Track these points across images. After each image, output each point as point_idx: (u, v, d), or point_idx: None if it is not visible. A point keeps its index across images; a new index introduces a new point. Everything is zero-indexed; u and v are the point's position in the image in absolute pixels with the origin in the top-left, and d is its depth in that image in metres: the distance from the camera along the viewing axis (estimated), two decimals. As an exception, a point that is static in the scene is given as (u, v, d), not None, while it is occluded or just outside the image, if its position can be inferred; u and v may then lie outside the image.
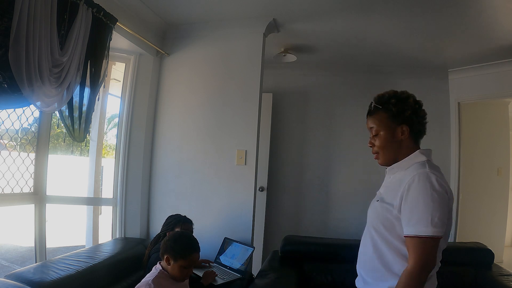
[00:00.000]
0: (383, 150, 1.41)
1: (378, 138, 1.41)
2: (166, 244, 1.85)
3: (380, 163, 1.45)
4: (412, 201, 1.23)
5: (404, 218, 1.24)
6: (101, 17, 2.26)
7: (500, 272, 2.46)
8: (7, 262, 4.40)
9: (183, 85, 3.19)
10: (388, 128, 1.39)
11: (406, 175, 1.29)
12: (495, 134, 4.72)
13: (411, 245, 1.22)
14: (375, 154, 1.45)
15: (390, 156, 1.41)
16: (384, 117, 1.40)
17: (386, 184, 1.44)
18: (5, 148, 2.26)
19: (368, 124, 1.46)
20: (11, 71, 1.66)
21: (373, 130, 1.42)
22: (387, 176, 1.46)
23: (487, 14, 2.69)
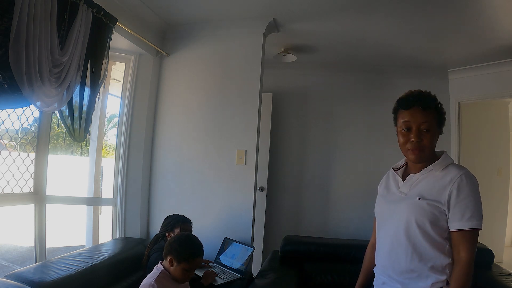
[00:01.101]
0: (429, 148, 1.42)
1: (430, 135, 1.40)
2: (172, 246, 1.85)
3: (419, 161, 1.45)
4: (465, 198, 1.32)
5: (456, 214, 1.33)
6: (101, 17, 2.26)
7: (500, 272, 2.46)
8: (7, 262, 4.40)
9: (183, 85, 3.19)
10: (436, 129, 1.42)
11: (449, 174, 1.38)
12: (495, 134, 4.72)
13: (464, 238, 1.33)
14: (417, 150, 1.42)
15: (430, 155, 1.45)
16: (436, 117, 1.42)
17: (416, 182, 1.46)
18: (5, 148, 2.26)
19: (417, 118, 1.40)
20: (11, 71, 1.66)
21: (426, 126, 1.39)
22: (416, 175, 1.47)
23: (487, 14, 2.69)
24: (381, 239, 1.53)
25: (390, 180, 1.60)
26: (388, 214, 1.50)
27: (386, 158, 3.79)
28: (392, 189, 1.54)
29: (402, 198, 1.45)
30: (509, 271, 2.49)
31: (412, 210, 1.39)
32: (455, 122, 4.00)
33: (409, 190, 1.45)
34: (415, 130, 1.40)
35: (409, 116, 1.42)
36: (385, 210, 1.53)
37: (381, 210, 1.57)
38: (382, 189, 1.63)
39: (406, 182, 1.48)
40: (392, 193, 1.53)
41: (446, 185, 1.35)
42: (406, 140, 1.43)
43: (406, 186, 1.47)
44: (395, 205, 1.47)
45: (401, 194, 1.46)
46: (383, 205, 1.56)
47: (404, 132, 1.44)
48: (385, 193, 1.58)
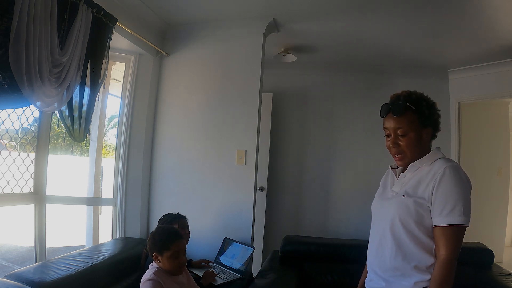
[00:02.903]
0: (411, 151, 1.41)
1: (407, 139, 1.40)
2: (150, 244, 1.86)
3: (404, 164, 1.45)
4: (445, 192, 1.29)
5: (436, 209, 1.30)
6: (101, 17, 2.26)
7: (500, 272, 2.46)
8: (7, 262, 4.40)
9: (183, 85, 3.19)
10: (417, 130, 1.39)
11: (433, 169, 1.35)
12: (495, 134, 4.72)
13: (444, 235, 1.28)
14: (399, 156, 1.43)
15: (415, 157, 1.42)
16: (415, 118, 1.39)
17: (406, 181, 1.43)
18: (5, 148, 2.26)
19: (391, 124, 1.42)
20: (11, 71, 1.66)
21: (401, 131, 1.39)
22: (406, 173, 1.45)
23: (487, 14, 2.69)
24: (372, 236, 1.51)
25: (388, 178, 1.59)
26: (379, 211, 1.49)
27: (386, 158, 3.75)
28: (387, 187, 1.54)
29: (393, 197, 1.44)
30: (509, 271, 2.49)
31: (397, 209, 1.37)
32: (455, 122, 4.00)
33: (399, 188, 1.43)
34: (392, 136, 1.43)
35: (386, 123, 1.45)
36: (377, 207, 1.53)
37: (374, 208, 1.56)
38: (380, 187, 1.62)
39: (398, 181, 1.48)
40: (386, 191, 1.53)
41: (430, 180, 1.33)
42: (388, 146, 1.46)
43: (398, 185, 1.46)
44: (385, 203, 1.47)
45: (392, 193, 1.46)
46: (377, 202, 1.55)
47: (386, 138, 1.47)
48: (381, 191, 1.57)
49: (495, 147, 4.72)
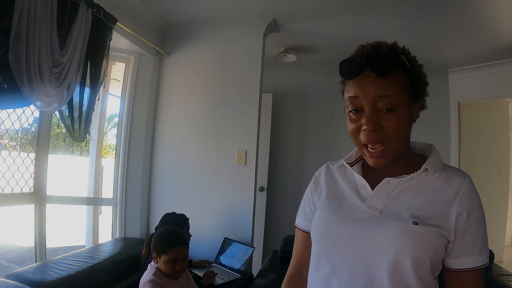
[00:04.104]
0: (399, 139, 0.86)
1: (396, 117, 0.83)
2: (152, 242, 1.87)
3: (384, 163, 0.88)
4: (477, 220, 0.87)
5: (466, 244, 0.85)
6: (101, 17, 2.26)
7: (500, 272, 2.46)
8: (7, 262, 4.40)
9: (183, 85, 3.19)
10: (409, 104, 0.87)
11: (449, 183, 0.89)
12: (495, 134, 4.72)
13: (474, 279, 0.87)
14: (377, 146, 0.86)
15: (401, 151, 0.89)
16: (406, 83, 0.86)
17: (397, 194, 0.90)
18: (5, 148, 2.26)
19: (369, 90, 0.83)
20: (11, 71, 1.66)
21: (387, 102, 0.83)
22: (391, 181, 0.90)
23: (487, 14, 2.69)
24: (326, 279, 0.91)
25: (341, 182, 1.01)
26: (348, 242, 0.88)
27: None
28: (350, 198, 0.95)
29: (377, 219, 0.87)
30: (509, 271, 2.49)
31: (406, 242, 0.82)
32: (455, 122, 4.00)
33: (384, 205, 0.89)
34: (369, 111, 0.84)
35: (357, 89, 0.85)
36: (339, 233, 0.90)
37: (328, 233, 0.93)
38: (325, 195, 1.02)
39: (378, 191, 0.90)
40: (350, 206, 0.94)
41: (451, 201, 0.86)
42: (357, 129, 0.88)
43: (379, 198, 0.90)
44: (362, 229, 0.87)
45: (371, 211, 0.89)
46: (333, 224, 0.93)
47: (352, 116, 0.88)
48: (334, 204, 0.97)
49: (495, 147, 4.72)
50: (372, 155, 0.87)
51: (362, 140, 0.88)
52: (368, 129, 0.84)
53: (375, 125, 0.83)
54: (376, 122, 0.83)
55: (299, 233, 1.13)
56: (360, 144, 0.89)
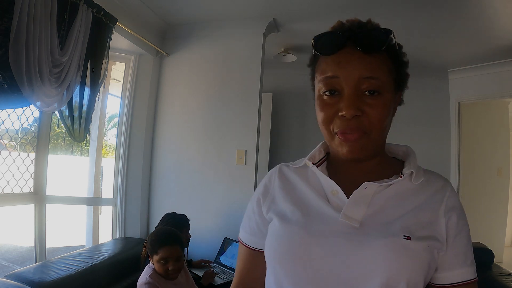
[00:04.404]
0: (380, 129, 0.72)
1: (382, 102, 0.70)
2: (148, 242, 1.87)
3: (361, 153, 0.72)
4: (465, 230, 0.77)
5: (458, 254, 0.74)
6: (101, 17, 2.26)
7: (500, 272, 2.46)
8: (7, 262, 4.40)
9: (183, 85, 3.19)
10: (392, 91, 0.74)
11: (429, 185, 0.77)
12: (495, 134, 4.72)
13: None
14: (354, 136, 0.70)
15: (380, 146, 0.78)
16: (391, 66, 0.73)
17: (379, 201, 0.74)
18: (5, 148, 2.26)
19: (355, 68, 0.69)
20: (11, 71, 1.66)
21: (373, 84, 0.69)
22: (369, 185, 0.74)
23: (487, 14, 2.69)
24: None
25: (303, 187, 0.82)
26: (323, 263, 0.69)
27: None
28: (318, 207, 0.76)
29: (359, 233, 0.69)
30: (509, 271, 2.49)
31: (400, 263, 0.66)
32: (455, 122, 4.00)
33: (364, 215, 0.72)
34: (348, 93, 0.69)
35: (337, 67, 0.70)
36: (309, 252, 0.70)
37: (294, 252, 0.72)
38: (282, 204, 0.81)
39: (356, 197, 0.73)
40: (320, 216, 0.74)
41: (439, 206, 0.74)
42: (332, 116, 0.72)
43: (357, 207, 0.72)
44: (341, 246, 0.69)
45: (349, 222, 0.70)
46: (301, 240, 0.72)
47: (326, 99, 0.72)
48: (299, 215, 0.76)
49: (495, 147, 4.72)
50: (347, 138, 0.70)
51: (336, 128, 0.72)
52: (348, 114, 0.68)
53: (357, 110, 0.68)
54: (358, 106, 0.69)
55: (243, 249, 0.89)
56: (331, 133, 0.73)
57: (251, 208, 0.89)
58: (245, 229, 0.89)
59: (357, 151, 0.71)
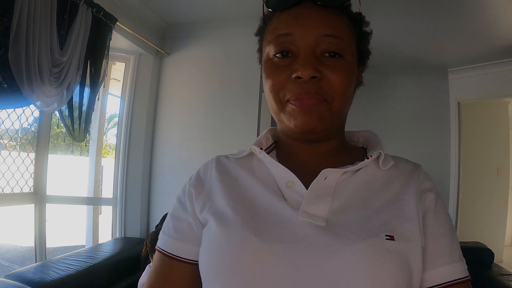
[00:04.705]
0: (343, 98, 0.59)
1: (343, 64, 0.59)
2: (147, 242, 1.88)
3: (319, 125, 0.58)
4: (445, 218, 0.61)
5: (441, 248, 0.58)
6: (101, 17, 2.26)
7: (500, 272, 2.46)
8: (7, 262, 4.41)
9: (183, 85, 3.19)
10: (355, 60, 0.65)
11: (398, 171, 0.65)
12: (495, 134, 4.72)
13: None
14: (312, 96, 0.57)
15: (339, 123, 0.67)
16: (352, 32, 0.63)
17: (349, 190, 0.61)
18: (5, 148, 2.26)
19: (314, 25, 0.58)
20: (11, 71, 1.66)
21: (334, 44, 0.58)
22: (333, 173, 0.60)
23: (487, 14, 2.69)
24: None
25: (248, 180, 0.65)
26: (284, 277, 0.52)
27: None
28: (269, 205, 0.60)
29: (327, 236, 0.54)
30: (509, 271, 2.49)
31: (385, 271, 0.52)
32: (455, 122, 3.99)
33: (330, 210, 0.57)
34: (307, 52, 0.58)
35: (292, 23, 0.59)
36: (265, 263, 0.53)
37: (244, 263, 0.54)
38: (223, 201, 0.63)
39: (316, 188, 0.59)
40: (272, 216, 0.58)
41: (412, 193, 0.61)
42: (282, 80, 0.59)
43: (319, 200, 0.58)
44: (305, 254, 0.52)
45: (311, 221, 0.55)
46: (251, 248, 0.54)
47: (277, 62, 0.60)
48: (245, 215, 0.59)
49: (495, 146, 4.72)
50: (304, 104, 0.57)
51: (289, 94, 0.58)
52: (305, 75, 0.55)
53: (315, 71, 0.56)
54: (316, 67, 0.56)
55: (161, 261, 0.65)
56: (281, 102, 0.60)
57: (179, 205, 0.68)
58: (169, 233, 0.66)
59: (315, 122, 0.57)
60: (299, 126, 0.58)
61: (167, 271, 0.64)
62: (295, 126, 0.58)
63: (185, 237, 0.64)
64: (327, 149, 0.66)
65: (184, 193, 0.69)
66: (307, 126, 0.58)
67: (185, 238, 0.64)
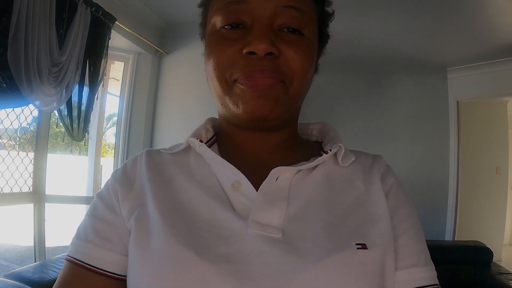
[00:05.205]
0: (302, 79, 0.51)
1: (304, 41, 0.50)
2: None
3: (274, 110, 0.49)
4: (411, 218, 0.53)
5: (403, 249, 0.49)
6: (99, 16, 2.26)
7: (499, 271, 2.47)
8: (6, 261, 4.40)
9: (182, 84, 3.19)
10: (316, 38, 0.56)
11: (358, 165, 0.57)
12: (494, 133, 4.73)
13: None
14: (267, 75, 0.47)
15: (299, 102, 0.57)
16: (314, 6, 0.54)
17: (303, 193, 0.51)
18: (4, 147, 2.26)
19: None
20: (10, 70, 1.66)
21: (295, 18, 0.49)
22: (289, 171, 0.51)
23: (486, 13, 2.69)
24: None
25: (184, 180, 0.53)
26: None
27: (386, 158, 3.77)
28: (213, 214, 0.48)
29: (286, 251, 0.43)
30: (508, 270, 2.50)
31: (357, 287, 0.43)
32: (453, 121, 3.99)
33: (286, 218, 0.47)
34: (263, 24, 0.49)
35: None
36: (204, 287, 0.41)
37: (178, 285, 0.42)
38: (153, 205, 0.50)
39: (265, 194, 0.49)
40: (214, 227, 0.46)
41: (375, 187, 0.53)
42: (230, 55, 0.50)
43: (270, 207, 0.47)
44: (257, 276, 0.41)
45: (263, 233, 0.45)
46: (188, 268, 0.42)
47: (224, 33, 0.51)
48: (181, 225, 0.47)
49: (494, 145, 4.73)
50: (257, 85, 0.47)
51: (238, 72, 0.49)
52: (261, 50, 0.46)
53: (273, 46, 0.47)
54: (273, 41, 0.47)
55: (78, 274, 0.49)
56: (227, 83, 0.51)
57: (101, 204, 0.54)
58: (87, 238, 0.50)
59: (270, 106, 0.48)
60: (250, 111, 0.48)
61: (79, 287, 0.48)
62: (244, 111, 0.48)
63: (111, 245, 0.49)
64: (278, 141, 0.56)
65: (108, 189, 0.55)
66: (259, 111, 0.48)
67: (112, 246, 0.49)
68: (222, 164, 0.52)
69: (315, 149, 0.59)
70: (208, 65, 0.54)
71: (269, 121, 0.51)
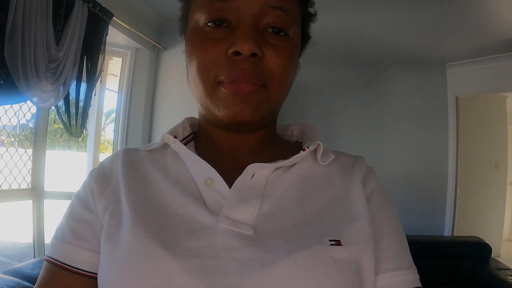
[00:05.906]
0: (283, 83, 0.52)
1: (288, 44, 0.51)
2: None
3: (255, 114, 0.49)
4: (393, 220, 0.53)
5: (385, 251, 0.49)
6: (97, 12, 2.25)
7: (497, 266, 2.48)
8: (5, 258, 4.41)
9: (180, 80, 3.18)
10: (299, 38, 0.57)
11: (337, 165, 0.57)
12: (493, 129, 4.73)
13: None
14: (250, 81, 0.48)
15: (279, 106, 0.57)
16: (299, 8, 0.55)
17: (281, 190, 0.51)
18: (3, 144, 2.25)
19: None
20: (7, 67, 1.65)
21: (281, 18, 0.50)
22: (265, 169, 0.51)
23: (485, 8, 2.68)
24: None
25: (159, 178, 0.53)
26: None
27: (385, 154, 3.78)
28: (185, 210, 0.48)
29: (257, 248, 0.43)
30: (506, 265, 2.51)
31: (329, 286, 0.41)
32: (453, 116, 3.99)
33: (257, 215, 0.47)
34: (248, 24, 0.48)
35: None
36: (173, 283, 0.41)
37: (145, 282, 0.42)
38: (126, 201, 0.50)
39: (241, 188, 0.49)
40: (187, 223, 0.46)
41: (355, 187, 0.53)
42: (215, 55, 0.49)
43: (244, 204, 0.47)
44: (229, 273, 0.41)
45: (235, 229, 0.45)
46: (158, 265, 0.42)
47: (208, 32, 0.50)
48: (153, 222, 0.47)
49: (493, 141, 4.73)
50: (240, 90, 0.47)
51: (224, 75, 0.48)
52: (246, 50, 0.46)
53: (257, 47, 0.47)
54: (258, 42, 0.47)
55: (56, 274, 0.50)
56: (211, 84, 0.49)
57: (78, 203, 0.54)
58: (64, 238, 0.51)
59: (251, 112, 0.48)
60: (231, 116, 0.48)
61: (58, 287, 0.49)
62: (226, 116, 0.49)
63: (87, 244, 0.50)
64: (256, 140, 0.56)
65: (85, 188, 0.55)
66: (240, 116, 0.48)
67: (87, 245, 0.50)
68: (195, 160, 0.52)
69: (294, 149, 0.58)
70: (191, 64, 0.53)
71: (249, 125, 0.51)
